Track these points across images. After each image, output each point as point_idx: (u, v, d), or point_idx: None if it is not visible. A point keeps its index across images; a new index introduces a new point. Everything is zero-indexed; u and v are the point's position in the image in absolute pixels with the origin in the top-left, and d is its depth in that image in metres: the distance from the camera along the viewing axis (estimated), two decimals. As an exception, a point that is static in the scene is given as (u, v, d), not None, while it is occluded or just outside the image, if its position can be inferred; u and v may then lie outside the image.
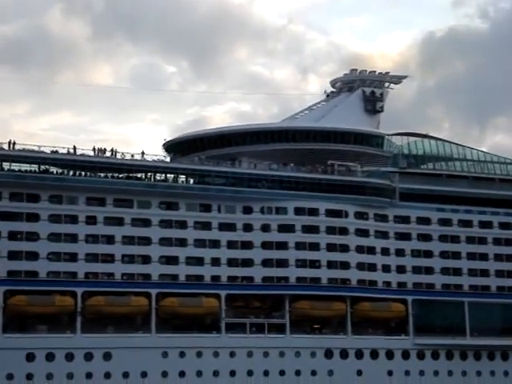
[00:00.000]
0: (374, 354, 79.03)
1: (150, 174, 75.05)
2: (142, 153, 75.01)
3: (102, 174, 74.00)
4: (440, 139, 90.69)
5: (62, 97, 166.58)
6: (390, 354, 79.55)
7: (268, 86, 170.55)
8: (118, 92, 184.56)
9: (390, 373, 79.09)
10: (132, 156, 75.02)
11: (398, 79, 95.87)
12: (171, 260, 74.79)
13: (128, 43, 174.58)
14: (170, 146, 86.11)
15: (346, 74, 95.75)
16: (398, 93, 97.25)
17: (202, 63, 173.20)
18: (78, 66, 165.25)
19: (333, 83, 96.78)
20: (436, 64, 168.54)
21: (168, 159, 79.94)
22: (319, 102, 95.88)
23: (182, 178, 77.46)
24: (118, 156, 74.72)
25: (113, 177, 74.45)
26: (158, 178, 75.60)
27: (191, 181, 77.79)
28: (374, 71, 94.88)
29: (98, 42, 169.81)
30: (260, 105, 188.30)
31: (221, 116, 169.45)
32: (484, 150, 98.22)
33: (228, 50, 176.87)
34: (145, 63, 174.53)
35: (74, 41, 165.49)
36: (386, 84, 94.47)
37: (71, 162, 72.75)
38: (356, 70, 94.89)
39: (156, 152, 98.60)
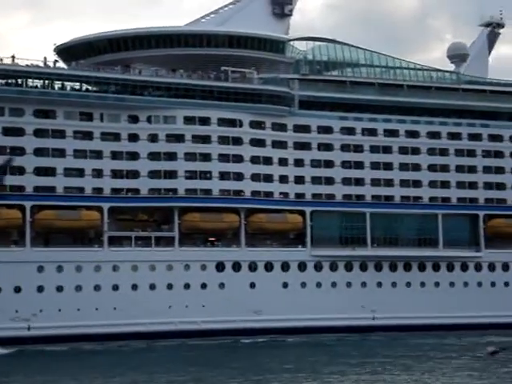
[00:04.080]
0: (269, 267, 76.98)
1: (21, 79, 70.90)
2: (13, 57, 70.72)
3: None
4: (347, 44, 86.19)
5: (59, 8, 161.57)
6: (285, 266, 77.60)
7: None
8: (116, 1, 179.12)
9: (285, 285, 77.20)
10: (1, 60, 70.56)
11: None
12: (48, 171, 71.26)
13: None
14: (61, 51, 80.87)
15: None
16: (398, 4, 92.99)
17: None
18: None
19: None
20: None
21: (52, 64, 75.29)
22: (226, 5, 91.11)
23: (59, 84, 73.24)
24: (-16, 60, 70.28)
25: (-21, 83, 70.44)
26: (32, 84, 71.58)
27: (68, 87, 73.70)
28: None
29: None
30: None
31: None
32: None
33: None
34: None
35: None
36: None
37: None
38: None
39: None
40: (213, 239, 77.41)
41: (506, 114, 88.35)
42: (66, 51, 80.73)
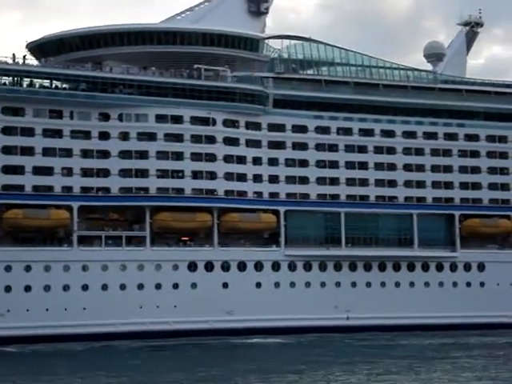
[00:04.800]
0: (242, 266, 76.25)
1: None
2: (-21, 53, 70.01)
3: None
4: (323, 43, 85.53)
5: (52, 7, 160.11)
6: (258, 266, 76.85)
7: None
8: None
9: (258, 285, 76.46)
10: (-32, 57, 69.84)
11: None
12: (16, 169, 70.28)
13: None
14: (33, 48, 79.71)
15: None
16: (391, 5, 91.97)
17: None
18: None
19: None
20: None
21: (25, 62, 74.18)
22: (203, 2, 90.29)
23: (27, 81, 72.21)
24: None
25: None
26: (0, 81, 70.58)
27: (37, 85, 72.74)
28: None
29: None
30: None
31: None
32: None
33: None
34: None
35: None
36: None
37: None
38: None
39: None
40: (185, 239, 76.56)
41: (482, 114, 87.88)
42: (38, 48, 79.77)
